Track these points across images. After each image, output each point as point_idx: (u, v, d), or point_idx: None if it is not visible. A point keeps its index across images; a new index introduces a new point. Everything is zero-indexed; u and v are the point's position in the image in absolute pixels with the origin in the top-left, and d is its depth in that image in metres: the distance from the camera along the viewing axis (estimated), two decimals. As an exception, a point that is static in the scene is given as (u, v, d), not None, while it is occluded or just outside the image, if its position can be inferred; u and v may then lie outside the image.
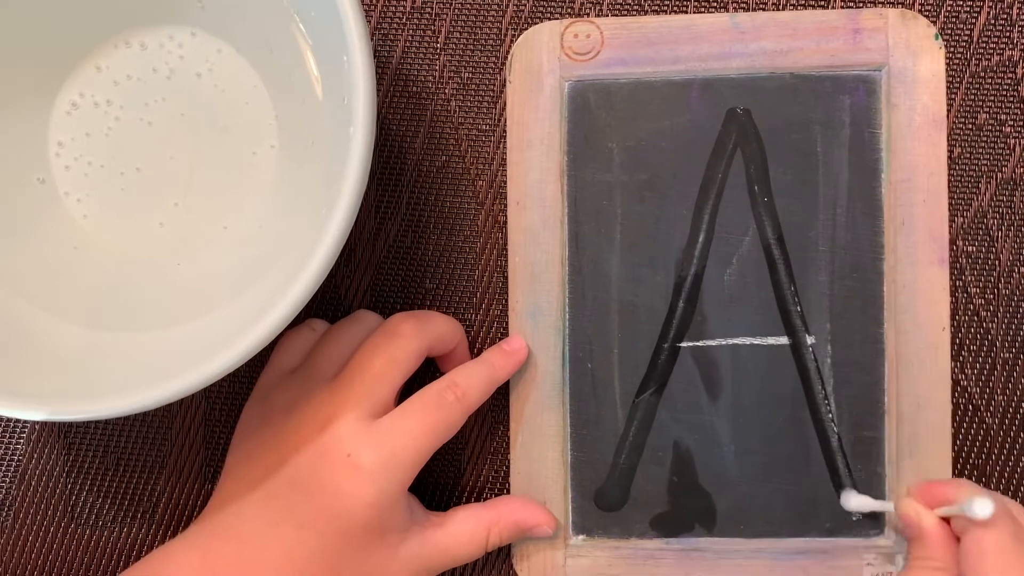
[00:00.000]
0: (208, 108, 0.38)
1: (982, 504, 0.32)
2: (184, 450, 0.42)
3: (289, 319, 0.31)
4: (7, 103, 0.38)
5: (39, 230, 0.38)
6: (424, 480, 0.41)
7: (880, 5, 0.39)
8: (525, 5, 0.40)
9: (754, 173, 0.39)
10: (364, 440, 0.34)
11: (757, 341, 0.39)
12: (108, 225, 0.39)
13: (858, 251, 0.39)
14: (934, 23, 0.39)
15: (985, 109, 0.39)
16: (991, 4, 0.40)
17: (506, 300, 0.40)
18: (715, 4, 0.40)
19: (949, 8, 0.40)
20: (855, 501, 0.38)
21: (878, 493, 0.39)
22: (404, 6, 0.41)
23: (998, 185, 0.39)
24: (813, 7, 0.40)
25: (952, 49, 0.39)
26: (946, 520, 0.35)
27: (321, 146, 0.37)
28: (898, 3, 0.40)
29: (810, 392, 0.39)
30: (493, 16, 0.41)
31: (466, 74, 0.41)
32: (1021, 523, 0.34)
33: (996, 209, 0.40)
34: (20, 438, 0.42)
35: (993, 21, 0.39)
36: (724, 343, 0.39)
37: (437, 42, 0.41)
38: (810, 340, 0.39)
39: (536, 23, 0.40)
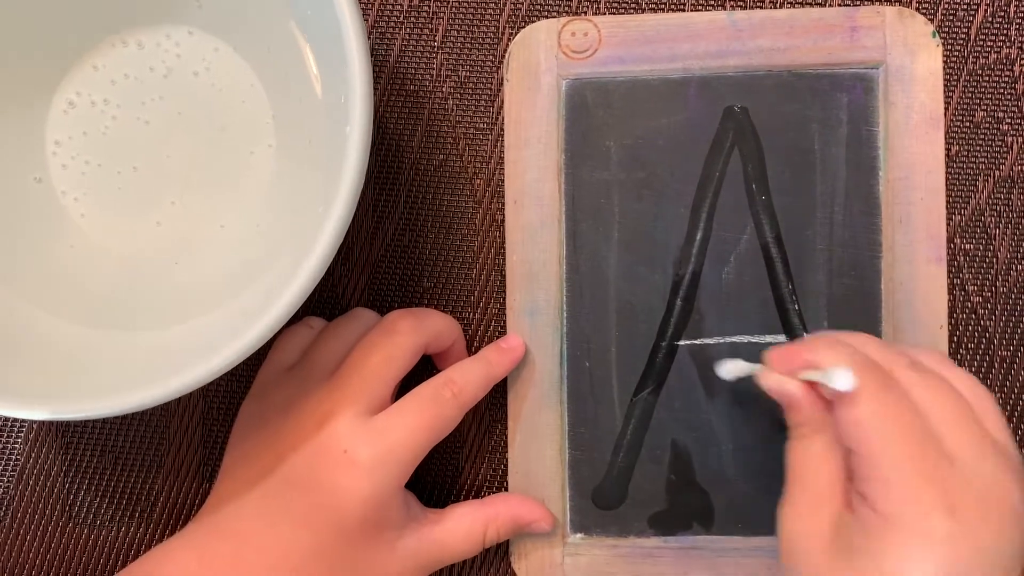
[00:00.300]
0: (205, 107, 0.38)
1: (841, 377, 0.30)
2: (182, 449, 0.42)
3: (287, 318, 0.31)
4: (4, 102, 0.38)
5: (36, 229, 0.38)
6: (422, 478, 0.41)
7: (877, 3, 0.39)
8: (522, 3, 0.40)
9: (752, 171, 0.39)
10: (361, 436, 0.34)
11: (755, 339, 0.39)
12: (105, 224, 0.39)
13: (856, 249, 0.39)
14: (931, 20, 0.39)
15: (982, 107, 0.40)
16: (988, 2, 0.40)
17: (504, 299, 0.40)
18: (712, 2, 0.40)
19: (946, 5, 0.40)
20: (728, 367, 0.37)
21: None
22: (401, 4, 0.41)
23: (996, 183, 0.40)
24: (810, 5, 0.40)
25: (949, 47, 0.39)
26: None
27: (318, 145, 0.37)
28: (895, 1, 0.40)
29: (808, 390, 0.39)
30: (490, 14, 0.41)
31: (463, 72, 0.41)
32: (883, 364, 0.32)
33: (994, 207, 0.40)
34: (18, 438, 0.42)
35: (990, 19, 0.40)
36: (722, 341, 0.39)
37: (434, 40, 0.41)
38: (808, 338, 0.39)
39: (533, 21, 0.40)
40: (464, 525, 0.37)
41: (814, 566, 0.31)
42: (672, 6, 0.40)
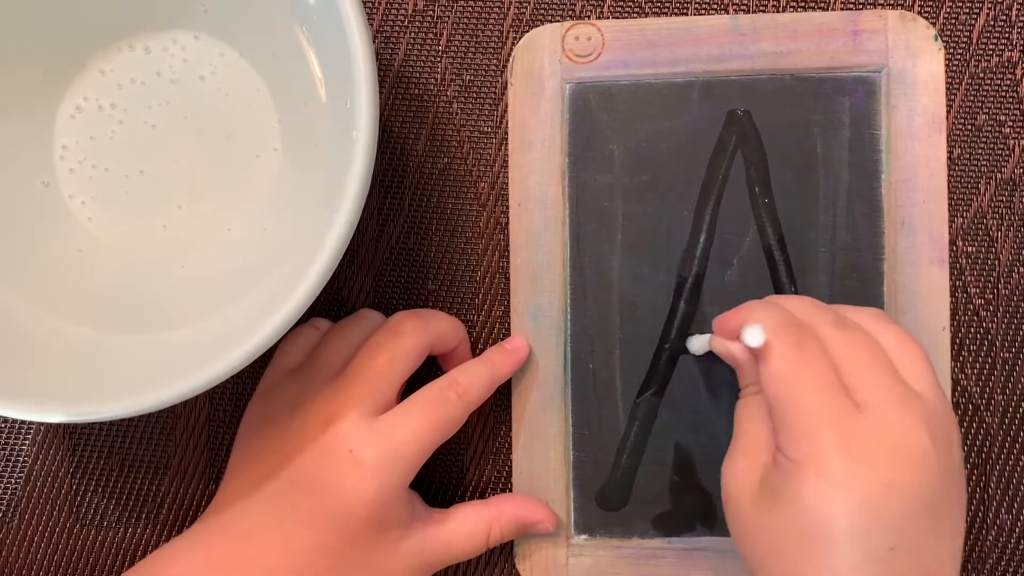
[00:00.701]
0: (212, 111, 0.39)
1: (751, 334, 0.32)
2: (188, 451, 0.42)
3: (293, 321, 0.31)
4: (11, 107, 0.38)
5: (44, 233, 0.39)
6: (427, 480, 0.41)
7: (880, 7, 0.40)
8: (526, 8, 0.41)
9: (754, 174, 0.40)
10: (366, 437, 0.35)
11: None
12: (113, 228, 0.39)
13: (858, 252, 0.39)
14: (933, 24, 0.39)
15: (984, 110, 0.40)
16: (990, 5, 0.40)
17: (508, 301, 0.41)
18: (715, 6, 0.40)
19: (948, 9, 0.40)
20: (696, 343, 0.39)
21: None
22: (406, 9, 0.41)
23: (997, 186, 0.40)
24: (813, 9, 0.40)
25: (951, 50, 0.40)
26: None
27: (324, 149, 0.37)
28: (897, 5, 0.40)
29: (811, 392, 0.39)
30: (494, 19, 0.41)
31: (468, 77, 0.41)
32: (806, 321, 0.33)
33: (995, 209, 0.40)
34: (25, 439, 0.42)
35: (992, 22, 0.40)
36: (725, 343, 0.40)
37: (439, 45, 0.41)
38: (810, 340, 0.39)
39: (537, 26, 0.40)
40: (468, 525, 0.37)
41: (744, 516, 0.33)
42: (675, 10, 0.40)
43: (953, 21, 0.40)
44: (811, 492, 0.30)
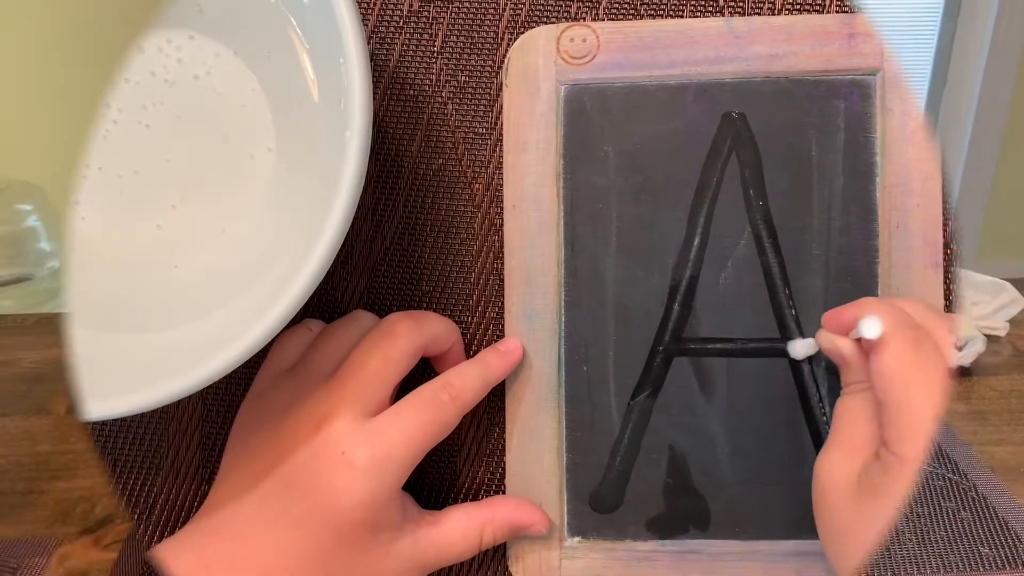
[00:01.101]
0: (206, 111, 0.38)
1: (869, 325, 0.32)
2: (181, 451, 0.42)
3: (285, 321, 0.31)
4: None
5: (37, 232, 0.39)
6: (420, 481, 0.41)
7: (875, 10, 0.40)
8: (522, 9, 0.41)
9: (749, 177, 0.40)
10: (358, 438, 0.34)
11: (751, 345, 0.39)
12: (106, 227, 0.39)
13: (852, 255, 0.39)
14: (928, 28, 0.40)
15: (979, 114, 0.40)
16: (985, 9, 0.40)
17: (502, 303, 0.41)
18: (711, 8, 0.40)
19: (943, 13, 0.40)
20: (800, 347, 0.38)
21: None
22: (401, 10, 0.41)
23: (992, 189, 0.40)
24: (808, 12, 0.40)
25: (946, 54, 0.40)
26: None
27: (318, 149, 0.37)
28: (892, 8, 0.40)
29: (804, 395, 0.39)
30: (490, 20, 0.41)
31: (463, 78, 0.41)
32: (923, 324, 0.33)
33: (990, 213, 0.40)
34: (18, 439, 0.42)
35: (987, 26, 0.40)
36: (719, 346, 0.40)
37: (434, 46, 0.41)
38: (804, 343, 0.39)
39: (532, 27, 0.40)
40: (461, 527, 0.37)
41: (836, 510, 0.33)
42: (670, 12, 0.40)
43: (948, 25, 0.40)
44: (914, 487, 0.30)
